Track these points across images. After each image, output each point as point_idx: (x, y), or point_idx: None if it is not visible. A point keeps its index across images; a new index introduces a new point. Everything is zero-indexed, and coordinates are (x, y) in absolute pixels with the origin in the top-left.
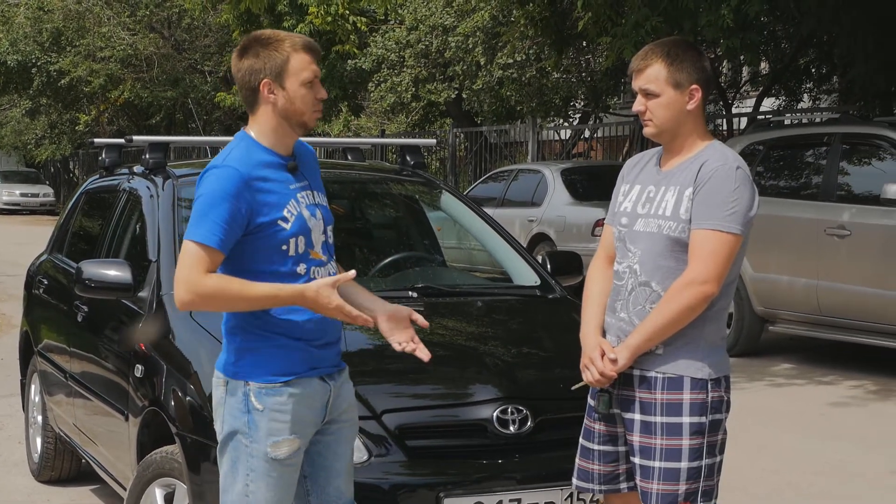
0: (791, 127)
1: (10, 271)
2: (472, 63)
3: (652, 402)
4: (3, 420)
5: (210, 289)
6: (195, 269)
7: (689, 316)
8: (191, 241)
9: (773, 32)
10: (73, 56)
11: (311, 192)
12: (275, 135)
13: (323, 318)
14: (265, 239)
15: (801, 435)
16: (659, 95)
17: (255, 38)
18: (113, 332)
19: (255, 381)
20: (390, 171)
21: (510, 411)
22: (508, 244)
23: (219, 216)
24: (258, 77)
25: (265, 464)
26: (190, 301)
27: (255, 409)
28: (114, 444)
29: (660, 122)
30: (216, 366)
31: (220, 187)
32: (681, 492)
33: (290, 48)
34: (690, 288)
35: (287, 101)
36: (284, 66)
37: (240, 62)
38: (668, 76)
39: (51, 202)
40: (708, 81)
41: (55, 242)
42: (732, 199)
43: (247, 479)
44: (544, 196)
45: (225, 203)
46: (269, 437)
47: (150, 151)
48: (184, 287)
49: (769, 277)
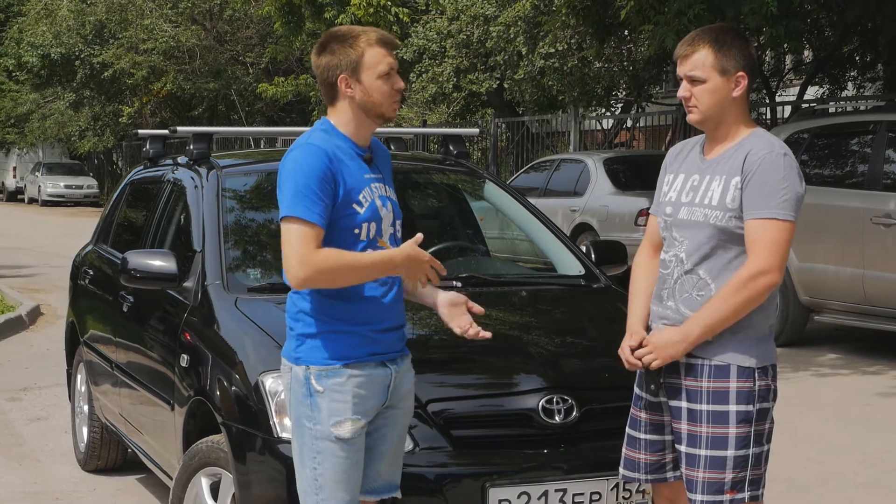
0: (836, 115)
1: (54, 262)
2: (513, 53)
3: (698, 390)
4: (50, 410)
5: (325, 263)
6: (306, 246)
7: (752, 307)
8: (294, 219)
9: (817, 20)
10: (115, 48)
11: (384, 185)
12: (354, 126)
13: (387, 303)
14: (342, 220)
15: (846, 425)
16: (705, 81)
17: (332, 34)
18: (158, 322)
19: (315, 365)
20: (433, 161)
21: (555, 401)
22: (552, 233)
23: (314, 192)
24: (335, 73)
25: (330, 444)
26: (306, 277)
27: (317, 392)
28: (160, 434)
29: (704, 109)
30: (283, 354)
31: (308, 164)
32: (727, 480)
33: (365, 43)
34: (756, 279)
35: (364, 94)
36: (360, 61)
37: (318, 59)
38: (715, 62)
39: (94, 194)
40: (754, 69)
41: (100, 233)
42: (783, 187)
43: (314, 461)
44: (587, 186)
45: (317, 178)
46: (331, 418)
47: (194, 142)
48: (298, 264)
49: (815, 267)
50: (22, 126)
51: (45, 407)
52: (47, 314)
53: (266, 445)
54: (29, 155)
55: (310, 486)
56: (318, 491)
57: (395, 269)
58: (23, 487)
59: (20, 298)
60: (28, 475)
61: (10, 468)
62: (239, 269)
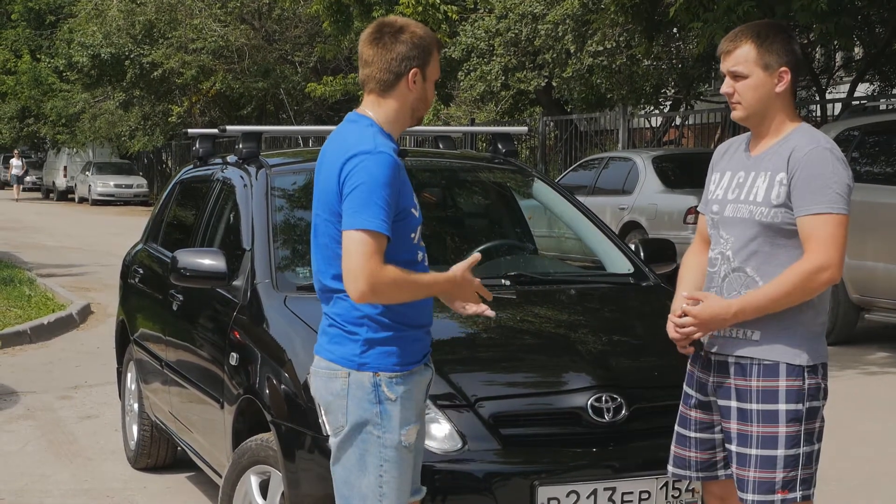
0: (887, 112)
1: (104, 261)
2: (561, 51)
3: (748, 390)
4: (100, 408)
5: (390, 279)
6: (374, 260)
7: (804, 299)
8: (362, 231)
9: (868, 17)
10: (165, 48)
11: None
12: (396, 122)
13: (429, 303)
14: (402, 225)
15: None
16: (747, 77)
17: (405, 25)
18: (208, 320)
19: (385, 372)
20: (482, 160)
21: (604, 399)
22: (601, 232)
23: (383, 202)
24: (410, 65)
25: (397, 452)
26: (370, 292)
27: (388, 399)
28: (209, 432)
29: (748, 105)
30: (329, 358)
31: (379, 173)
32: (778, 479)
33: (435, 44)
34: (817, 274)
35: (422, 92)
36: (430, 61)
37: (390, 45)
38: (758, 57)
39: (144, 193)
40: (797, 64)
41: (150, 232)
42: (833, 181)
43: (380, 469)
44: (636, 184)
45: (385, 188)
46: (402, 426)
47: (243, 141)
48: (365, 278)
49: (865, 265)
50: (73, 126)
51: (95, 405)
52: (97, 313)
53: (315, 443)
54: (79, 155)
55: (373, 493)
56: (382, 498)
57: (446, 292)
58: (74, 485)
59: (71, 297)
60: (79, 473)
61: (61, 466)
62: (288, 268)
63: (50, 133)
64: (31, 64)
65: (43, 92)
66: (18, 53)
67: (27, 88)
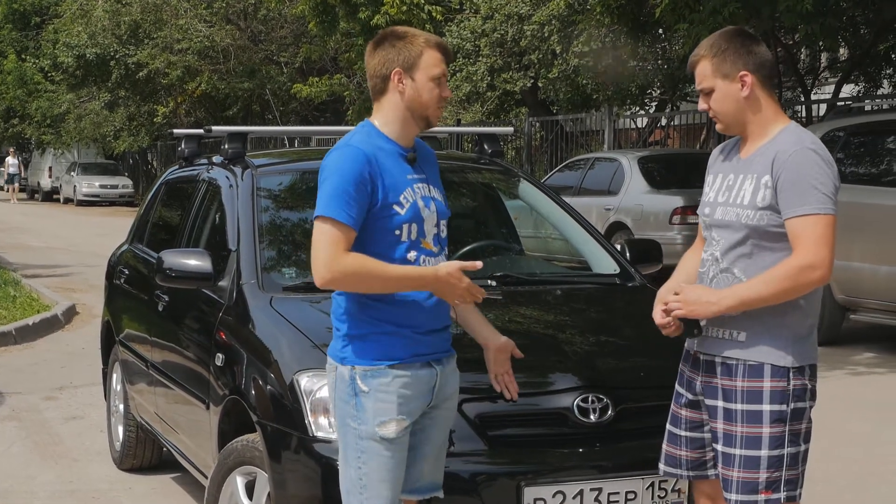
0: (872, 113)
1: (90, 262)
2: (547, 51)
3: (733, 390)
4: (86, 409)
5: (350, 267)
6: (335, 247)
7: (791, 297)
8: (326, 219)
9: (853, 18)
10: (150, 48)
11: (428, 185)
12: (398, 125)
13: (429, 306)
14: (381, 221)
15: (883, 424)
16: (713, 90)
17: (391, 32)
18: (193, 321)
19: (360, 365)
20: (468, 160)
21: (590, 400)
22: (587, 232)
23: (349, 194)
24: (391, 66)
25: (375, 444)
26: (330, 279)
27: (362, 392)
28: (195, 433)
29: (723, 116)
30: (329, 354)
31: (347, 166)
32: (761, 480)
33: (425, 44)
34: (806, 272)
35: (415, 92)
36: (417, 60)
37: (374, 52)
38: (714, 69)
39: (129, 194)
40: (761, 64)
41: (135, 233)
42: (819, 182)
43: (358, 461)
44: (621, 184)
45: (353, 181)
46: (376, 418)
47: (229, 141)
48: (324, 265)
49: (851, 266)
50: (58, 126)
51: (80, 406)
52: (83, 313)
53: (301, 444)
54: (64, 155)
55: (354, 486)
56: (363, 490)
57: (426, 287)
58: (59, 486)
59: (56, 298)
60: (64, 474)
61: (46, 467)
62: (274, 269)
63: (35, 133)
64: (17, 64)
65: (28, 92)
66: (4, 54)
67: (12, 89)
